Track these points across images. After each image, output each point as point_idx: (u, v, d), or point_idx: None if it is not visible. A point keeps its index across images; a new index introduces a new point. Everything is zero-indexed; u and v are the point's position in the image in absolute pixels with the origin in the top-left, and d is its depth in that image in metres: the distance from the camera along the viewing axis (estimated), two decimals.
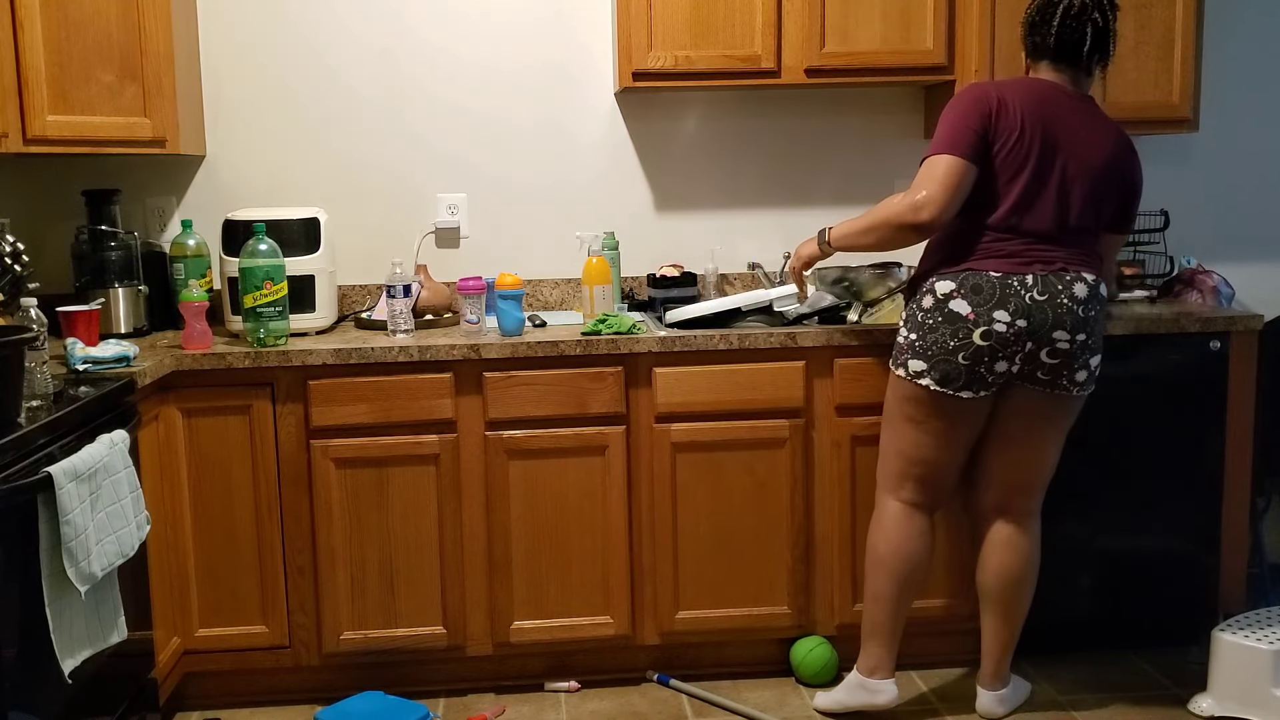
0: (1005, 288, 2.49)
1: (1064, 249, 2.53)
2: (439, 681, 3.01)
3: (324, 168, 3.37)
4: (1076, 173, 2.54)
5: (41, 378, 2.31)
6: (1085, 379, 2.57)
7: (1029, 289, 2.49)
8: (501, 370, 2.86)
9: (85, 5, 2.81)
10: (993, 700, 2.76)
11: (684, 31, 3.07)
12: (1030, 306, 2.48)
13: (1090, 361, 2.56)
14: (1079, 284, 2.51)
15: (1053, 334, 2.49)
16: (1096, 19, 2.54)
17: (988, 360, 2.51)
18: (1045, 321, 2.48)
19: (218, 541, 2.85)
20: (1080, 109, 2.58)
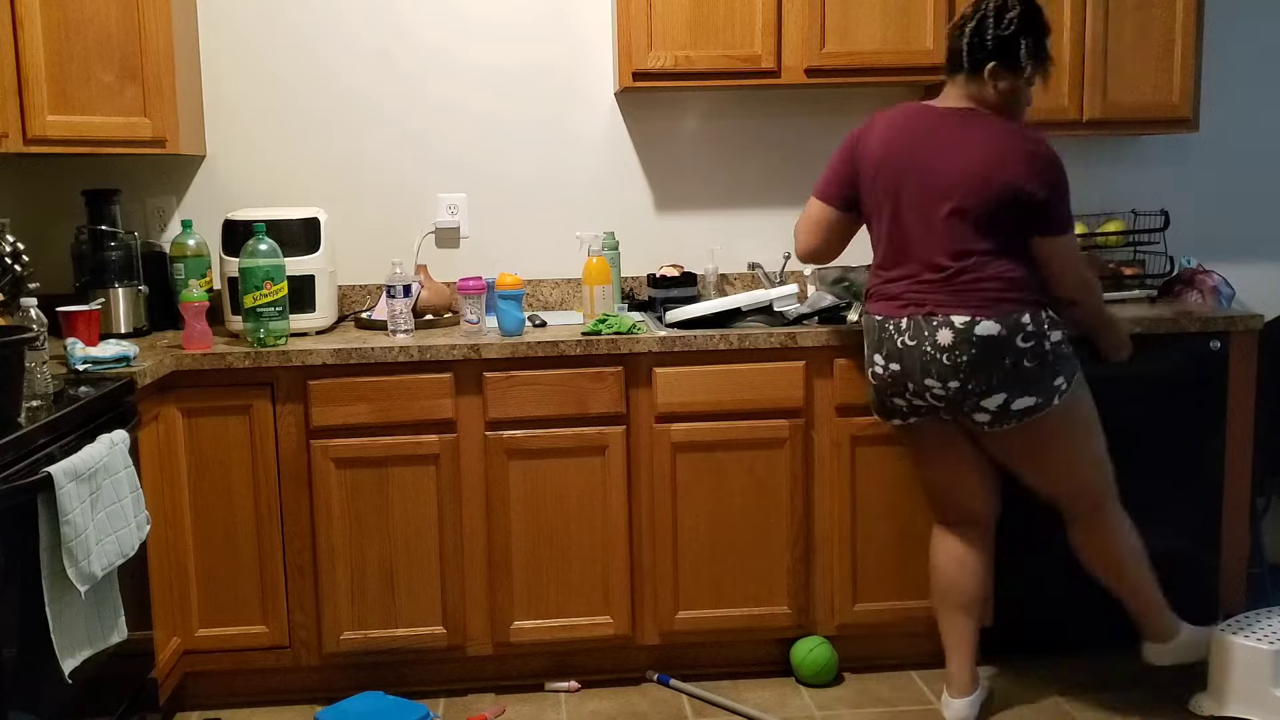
0: (882, 330, 2.58)
1: (937, 289, 2.50)
2: (439, 681, 3.01)
3: (324, 168, 3.37)
4: (936, 197, 2.50)
5: (41, 378, 2.31)
6: (991, 420, 2.52)
7: (901, 333, 2.54)
8: (501, 370, 2.86)
9: (85, 5, 2.81)
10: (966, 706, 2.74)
11: (684, 31, 3.07)
12: (901, 351, 2.54)
13: (984, 404, 2.50)
14: (943, 330, 2.47)
15: (924, 380, 2.53)
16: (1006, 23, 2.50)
17: (888, 395, 2.62)
18: (914, 367, 2.53)
19: (218, 541, 2.85)
20: (951, 125, 2.54)
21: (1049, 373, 2.49)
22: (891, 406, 2.65)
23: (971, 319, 2.46)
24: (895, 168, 2.56)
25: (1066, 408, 2.54)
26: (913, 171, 2.54)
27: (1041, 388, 2.49)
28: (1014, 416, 2.51)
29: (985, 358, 2.46)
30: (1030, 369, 2.48)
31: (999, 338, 2.46)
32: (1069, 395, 2.54)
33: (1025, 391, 2.49)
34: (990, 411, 2.51)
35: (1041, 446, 2.59)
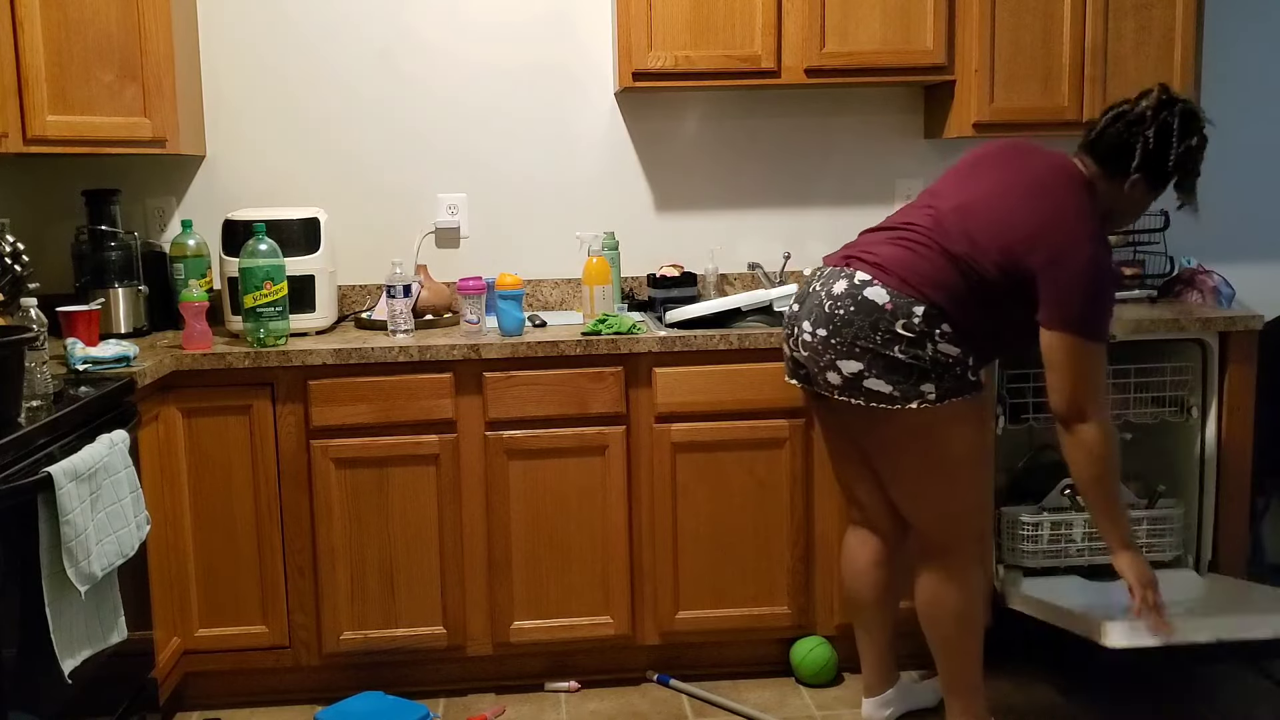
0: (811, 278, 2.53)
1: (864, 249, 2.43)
2: (439, 681, 3.01)
3: (324, 168, 3.37)
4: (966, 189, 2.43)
5: (41, 378, 2.31)
6: (840, 386, 2.38)
7: (817, 279, 2.48)
8: (501, 370, 2.86)
9: (85, 5, 2.81)
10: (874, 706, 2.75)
11: (684, 31, 3.07)
12: (806, 295, 2.49)
13: (839, 364, 2.36)
14: (841, 281, 2.39)
15: (802, 324, 2.45)
16: (1184, 150, 2.35)
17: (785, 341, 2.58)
18: (805, 310, 2.45)
19: (218, 541, 2.85)
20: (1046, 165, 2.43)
21: (918, 373, 2.31)
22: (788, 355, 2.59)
23: (869, 279, 2.35)
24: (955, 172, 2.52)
25: (927, 425, 2.36)
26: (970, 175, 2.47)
27: (902, 382, 2.32)
28: (862, 394, 2.35)
29: (859, 319, 2.33)
30: (898, 358, 2.31)
31: (881, 308, 2.32)
32: (935, 412, 2.33)
33: (883, 375, 2.32)
34: (842, 376, 2.37)
35: (888, 447, 2.45)
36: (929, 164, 3.51)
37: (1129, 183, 2.39)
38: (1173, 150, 2.35)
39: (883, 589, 2.68)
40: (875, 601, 2.68)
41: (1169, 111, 2.37)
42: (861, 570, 2.68)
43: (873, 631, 2.71)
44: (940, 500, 2.46)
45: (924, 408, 2.33)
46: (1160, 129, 2.35)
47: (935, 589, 2.51)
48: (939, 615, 2.52)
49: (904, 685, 2.79)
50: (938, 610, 2.51)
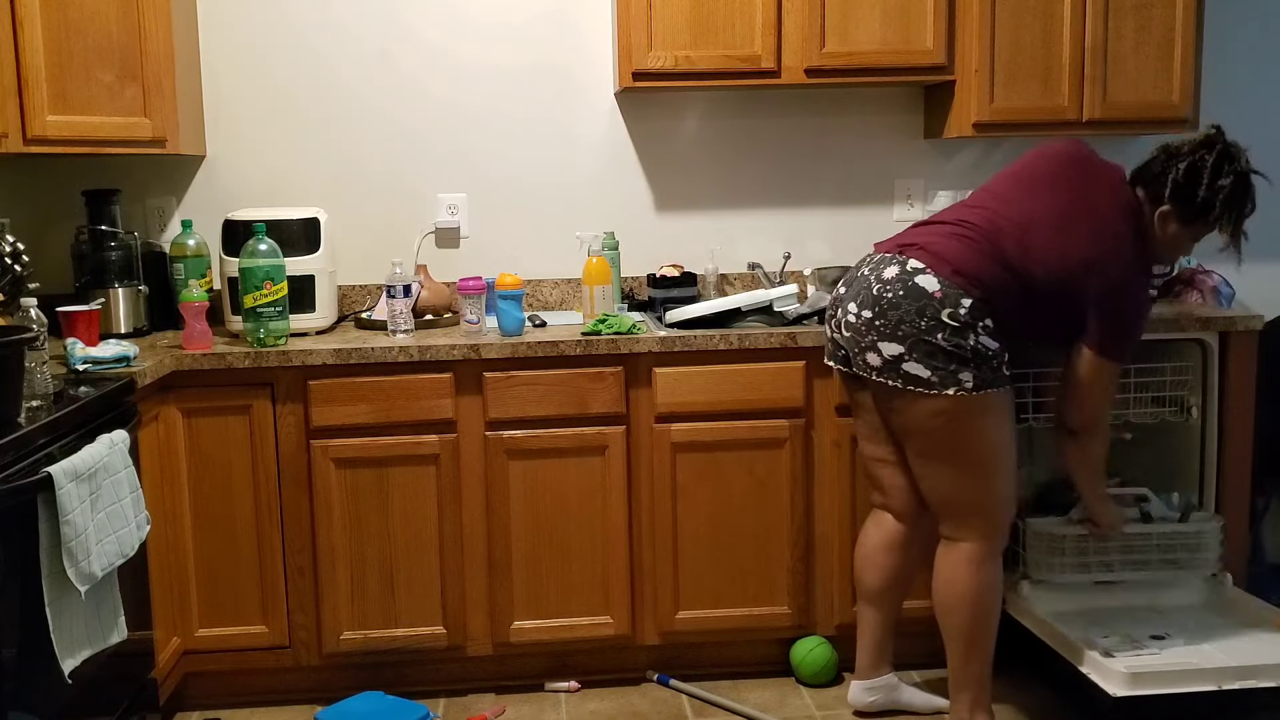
0: (858, 264, 2.62)
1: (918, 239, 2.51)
2: (439, 681, 3.01)
3: (324, 168, 3.37)
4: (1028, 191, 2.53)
5: (41, 378, 2.31)
6: (880, 368, 2.46)
7: (865, 264, 2.57)
8: (501, 370, 2.86)
9: (85, 5, 2.81)
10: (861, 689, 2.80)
11: (684, 31, 3.07)
12: (854, 278, 2.58)
13: (880, 346, 2.44)
14: (892, 266, 2.47)
15: (848, 305, 2.53)
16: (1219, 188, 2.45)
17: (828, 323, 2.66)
18: (851, 292, 2.54)
19: (218, 541, 2.85)
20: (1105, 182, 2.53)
21: (957, 361, 2.40)
22: (828, 336, 2.68)
23: (922, 268, 2.44)
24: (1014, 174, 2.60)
25: (962, 412, 2.43)
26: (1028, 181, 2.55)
27: (941, 368, 2.40)
28: (900, 376, 2.44)
29: (906, 303, 2.42)
30: (940, 345, 2.40)
31: (930, 295, 2.41)
32: (970, 400, 2.42)
33: (922, 360, 2.41)
34: (882, 357, 2.45)
35: (920, 431, 2.49)
36: (929, 164, 3.51)
37: (1159, 213, 2.48)
38: (1202, 185, 2.43)
39: (889, 574, 2.71)
40: (879, 585, 2.72)
41: (1208, 150, 2.47)
42: (871, 552, 2.72)
43: (874, 615, 2.74)
44: (968, 488, 2.51)
45: (960, 395, 2.41)
46: (1192, 163, 2.44)
47: (953, 575, 2.55)
48: (955, 602, 2.55)
49: (893, 680, 2.80)
50: (954, 597, 2.55)
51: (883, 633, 2.76)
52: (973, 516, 2.53)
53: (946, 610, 2.58)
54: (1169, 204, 2.47)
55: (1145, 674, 2.53)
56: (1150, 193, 2.51)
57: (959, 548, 2.55)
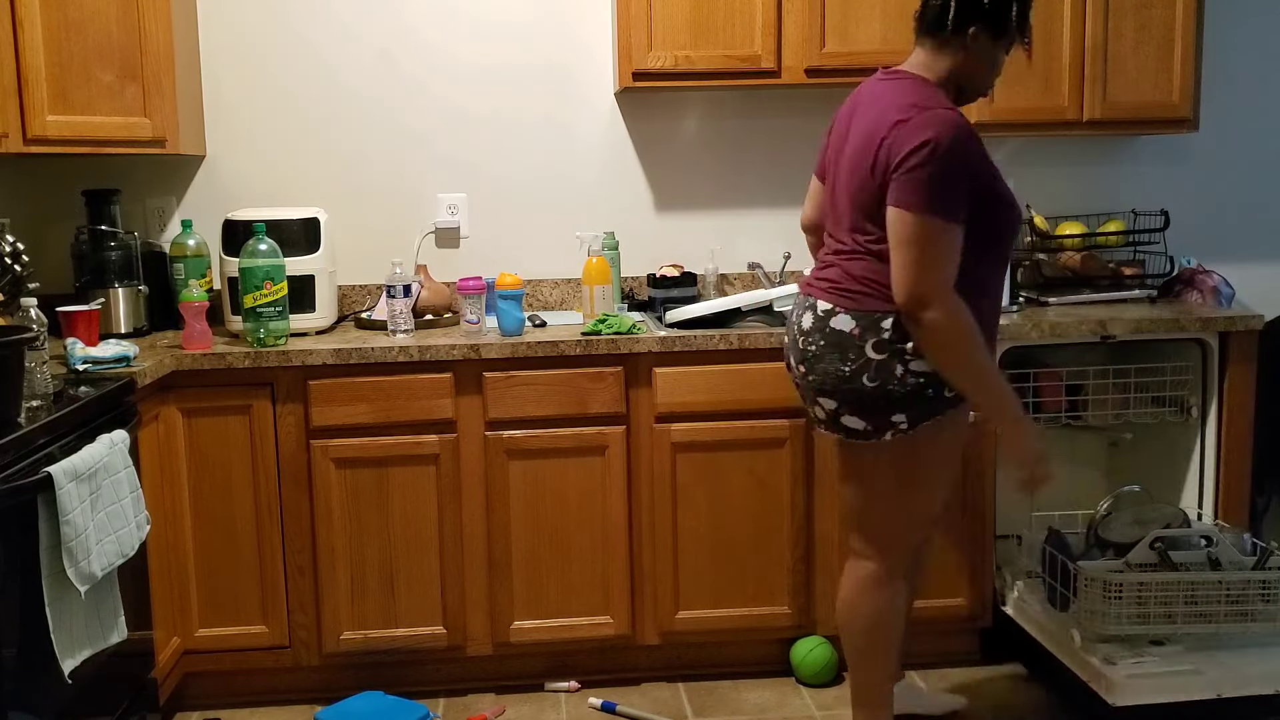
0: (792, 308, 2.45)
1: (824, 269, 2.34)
2: (439, 681, 3.01)
3: (324, 168, 3.37)
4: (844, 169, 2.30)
5: (41, 378, 2.31)
6: (824, 419, 2.34)
7: (795, 308, 2.42)
8: (501, 370, 2.86)
9: (85, 5, 2.81)
10: None
11: (684, 31, 3.07)
12: (788, 326, 2.44)
13: (821, 401, 2.31)
14: (808, 314, 2.33)
15: (790, 358, 2.41)
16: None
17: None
18: (789, 345, 2.41)
19: (218, 541, 2.85)
20: (877, 90, 2.30)
21: (887, 402, 2.24)
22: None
23: (831, 308, 2.27)
24: (834, 138, 2.39)
25: (898, 449, 2.29)
26: (840, 141, 2.35)
27: (874, 415, 2.26)
28: (841, 430, 2.33)
29: (829, 353, 2.27)
30: (867, 389, 2.23)
31: (849, 335, 2.24)
32: (906, 439, 2.28)
33: (856, 411, 2.27)
34: (824, 411, 2.34)
35: (858, 464, 2.38)
36: None
37: (969, 39, 2.25)
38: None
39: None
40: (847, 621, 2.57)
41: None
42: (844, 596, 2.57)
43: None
44: (889, 514, 2.39)
45: (897, 437, 2.28)
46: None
47: (854, 597, 2.43)
48: (854, 624, 2.44)
49: (907, 685, 2.79)
50: (852, 618, 2.44)
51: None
52: (885, 539, 2.40)
53: (845, 629, 2.46)
54: (974, 24, 2.23)
55: (1145, 682, 2.52)
56: (942, 28, 2.25)
57: (863, 566, 2.41)
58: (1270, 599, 2.64)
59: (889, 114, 2.21)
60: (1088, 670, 2.62)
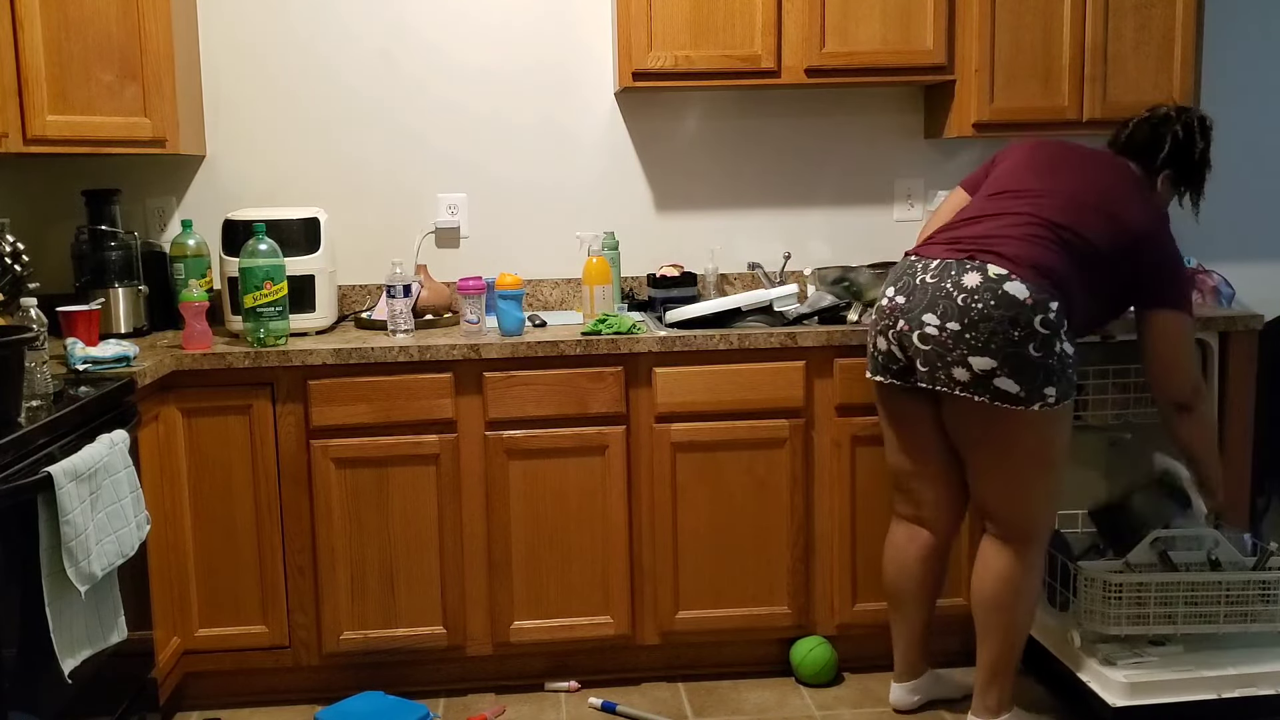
0: (909, 267, 2.54)
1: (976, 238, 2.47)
2: (439, 681, 3.01)
3: (324, 168, 3.37)
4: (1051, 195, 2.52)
5: (41, 378, 2.31)
6: (967, 383, 2.40)
7: (926, 271, 2.48)
8: (501, 370, 2.86)
9: (85, 5, 2.81)
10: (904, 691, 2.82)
11: (684, 31, 3.07)
12: (916, 286, 2.48)
13: (971, 360, 2.37)
14: (973, 274, 2.40)
15: (922, 317, 2.44)
16: (1201, 150, 2.59)
17: (876, 330, 2.58)
18: (921, 302, 2.45)
19: (218, 541, 2.85)
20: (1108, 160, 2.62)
21: (1045, 374, 2.37)
22: (873, 348, 2.60)
23: (1006, 274, 2.37)
24: (1031, 162, 2.60)
25: (1040, 423, 2.42)
26: (1039, 165, 2.58)
27: (1031, 382, 2.37)
28: (989, 391, 2.39)
29: (999, 313, 2.35)
30: (1032, 356, 2.35)
31: (1022, 303, 2.35)
32: (1049, 412, 2.40)
33: (1014, 374, 2.36)
34: (972, 372, 2.38)
35: (999, 443, 2.48)
36: (929, 164, 3.51)
37: (1160, 179, 2.59)
38: (1197, 146, 2.57)
39: (926, 584, 2.72)
40: (916, 595, 2.73)
41: (1189, 114, 2.61)
42: (909, 563, 2.71)
43: (909, 623, 2.76)
44: (1029, 494, 2.51)
45: (1043, 409, 2.40)
46: (1186, 125, 2.56)
47: (1010, 574, 2.54)
48: (1010, 600, 2.54)
49: (933, 675, 2.83)
50: (1010, 594, 2.54)
51: (922, 636, 2.78)
52: (1029, 521, 2.53)
53: (1000, 606, 2.55)
54: (1168, 168, 2.58)
55: (1144, 682, 2.52)
56: (1142, 162, 2.60)
57: (1011, 548, 2.54)
58: (1270, 599, 2.65)
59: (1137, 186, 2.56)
60: (1088, 670, 2.62)
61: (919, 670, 2.80)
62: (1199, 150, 2.58)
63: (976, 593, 2.59)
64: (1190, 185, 2.62)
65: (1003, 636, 2.57)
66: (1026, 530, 2.53)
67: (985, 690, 2.61)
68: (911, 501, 2.71)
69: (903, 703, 2.80)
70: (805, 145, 3.49)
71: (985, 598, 2.57)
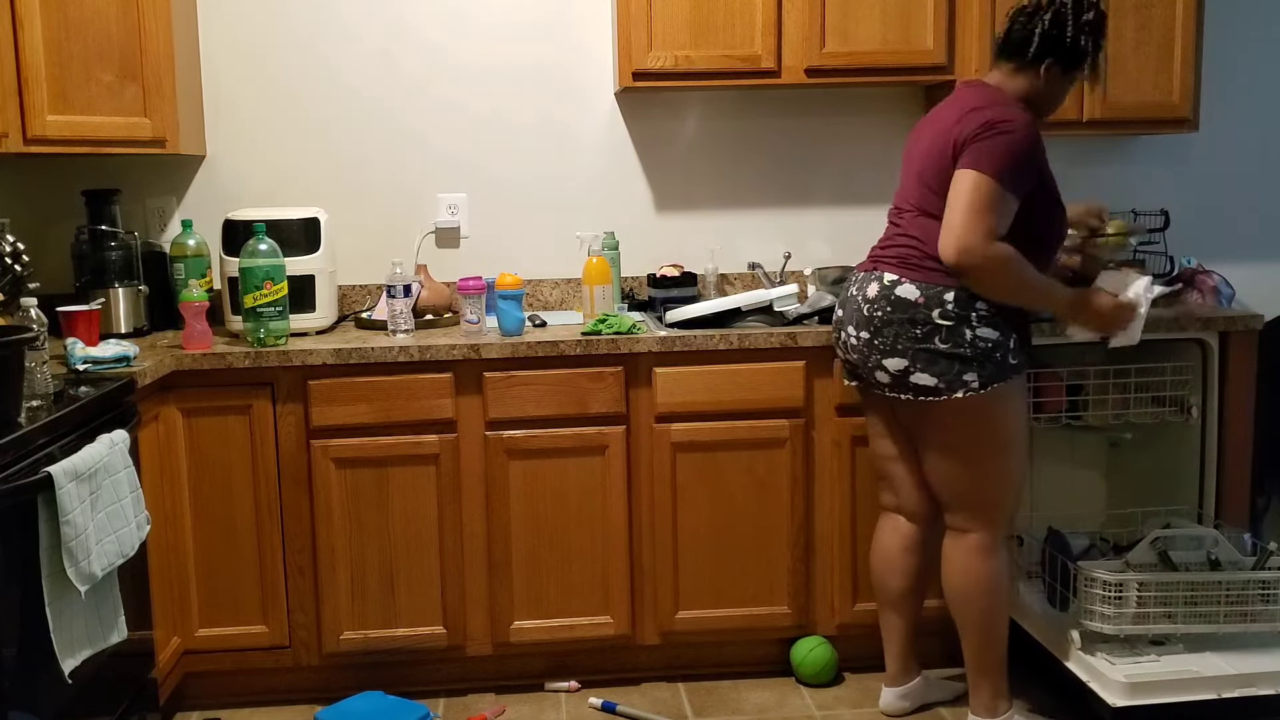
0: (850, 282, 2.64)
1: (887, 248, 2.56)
2: (439, 681, 3.01)
3: (324, 168, 3.37)
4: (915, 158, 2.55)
5: (41, 378, 2.31)
6: (890, 384, 2.49)
7: (853, 283, 2.61)
8: (501, 370, 2.86)
9: (85, 5, 2.81)
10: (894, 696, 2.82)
11: (684, 31, 3.07)
12: (845, 300, 2.62)
13: (885, 363, 2.47)
14: (873, 284, 2.51)
15: (847, 328, 2.59)
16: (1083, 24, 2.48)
17: (835, 347, 2.69)
18: (846, 315, 2.59)
19: (218, 541, 2.85)
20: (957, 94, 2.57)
21: (960, 362, 2.41)
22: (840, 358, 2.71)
23: (896, 279, 2.47)
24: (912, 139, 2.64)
25: (973, 410, 2.45)
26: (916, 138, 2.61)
27: (946, 373, 2.42)
28: (909, 389, 2.47)
29: (897, 317, 2.45)
30: (939, 349, 2.41)
31: (914, 304, 2.43)
32: (979, 397, 2.42)
33: (927, 368, 2.43)
34: (890, 374, 2.48)
35: (936, 434, 2.53)
36: None
37: (1043, 70, 2.49)
38: (1069, 28, 2.47)
39: (911, 576, 2.73)
40: (903, 589, 2.73)
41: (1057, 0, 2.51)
42: (892, 556, 2.73)
43: (897, 619, 2.76)
44: (979, 481, 2.53)
45: (969, 395, 2.43)
46: (1055, 13, 2.48)
47: (968, 565, 2.56)
48: (972, 592, 2.56)
49: (924, 680, 2.83)
50: (971, 587, 2.56)
51: (910, 636, 2.78)
52: (984, 508, 2.55)
53: (965, 600, 2.58)
54: (1049, 57, 2.48)
55: (1144, 683, 2.52)
56: (1019, 57, 2.50)
57: (969, 538, 2.56)
58: (1270, 599, 2.65)
59: (966, 104, 2.47)
60: (1088, 670, 2.62)
61: (910, 674, 2.80)
62: (1071, 32, 2.46)
63: (946, 588, 2.62)
64: (1076, 63, 2.51)
65: (978, 628, 2.58)
66: (981, 517, 2.55)
67: (977, 687, 2.63)
68: (891, 489, 2.73)
69: (893, 708, 2.80)
70: (805, 145, 3.49)
71: (953, 591, 2.60)
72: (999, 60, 2.56)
